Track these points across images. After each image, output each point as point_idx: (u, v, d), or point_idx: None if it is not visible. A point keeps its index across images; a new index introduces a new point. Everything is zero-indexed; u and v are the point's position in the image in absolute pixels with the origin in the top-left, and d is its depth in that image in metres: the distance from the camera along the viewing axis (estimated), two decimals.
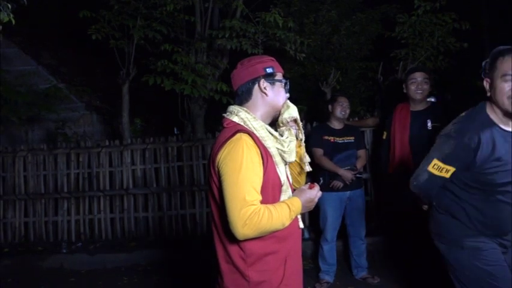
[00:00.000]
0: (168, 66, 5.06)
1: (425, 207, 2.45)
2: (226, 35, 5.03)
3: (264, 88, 1.80)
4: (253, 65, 1.82)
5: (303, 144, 1.93)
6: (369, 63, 6.51)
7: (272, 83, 1.82)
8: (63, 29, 8.40)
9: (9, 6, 2.71)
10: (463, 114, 2.18)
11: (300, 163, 1.96)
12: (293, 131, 1.88)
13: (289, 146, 1.80)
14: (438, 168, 2.14)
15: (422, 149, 3.36)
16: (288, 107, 1.85)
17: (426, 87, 3.51)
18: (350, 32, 6.42)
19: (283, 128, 1.84)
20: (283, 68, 1.92)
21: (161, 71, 5.10)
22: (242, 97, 1.83)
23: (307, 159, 1.94)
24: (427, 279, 3.56)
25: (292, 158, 1.83)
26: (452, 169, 2.12)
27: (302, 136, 1.90)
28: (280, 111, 1.84)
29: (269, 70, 1.81)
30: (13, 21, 2.74)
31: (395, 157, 3.59)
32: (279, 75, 1.85)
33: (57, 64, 8.05)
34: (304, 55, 5.29)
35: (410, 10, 5.19)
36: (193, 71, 5.19)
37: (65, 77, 7.68)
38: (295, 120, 1.86)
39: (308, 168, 1.94)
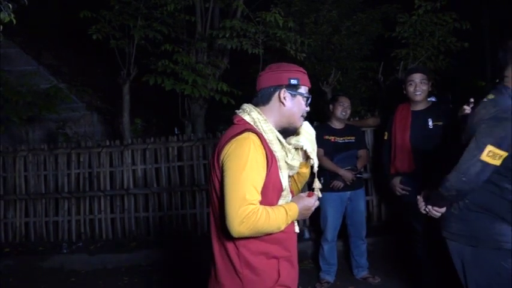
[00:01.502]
0: (169, 66, 5.06)
1: (438, 213, 2.29)
2: (227, 35, 5.04)
3: (284, 98, 1.79)
4: (280, 72, 1.81)
5: (315, 169, 1.92)
6: (369, 63, 6.51)
7: (293, 95, 1.81)
8: (63, 29, 8.42)
9: (10, 6, 2.71)
10: (491, 97, 2.07)
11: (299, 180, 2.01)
12: (300, 153, 1.88)
13: (292, 161, 1.80)
14: (493, 155, 1.95)
15: (423, 148, 3.37)
16: (299, 133, 1.85)
17: (425, 88, 3.49)
18: (350, 32, 6.42)
19: (292, 146, 1.83)
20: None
21: (162, 71, 5.11)
22: (260, 100, 1.83)
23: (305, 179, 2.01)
24: (429, 279, 3.56)
25: (292, 172, 1.86)
26: (505, 154, 1.96)
27: (314, 162, 1.90)
28: (293, 124, 1.84)
29: (293, 81, 1.80)
30: (14, 21, 2.74)
31: (396, 157, 3.57)
32: (303, 89, 1.83)
33: (58, 64, 8.06)
34: (304, 55, 5.29)
35: (410, 10, 5.19)
36: (193, 71, 5.19)
37: (65, 77, 7.68)
38: (304, 150, 1.85)
39: (300, 187, 2.01)
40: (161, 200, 5.32)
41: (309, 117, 1.97)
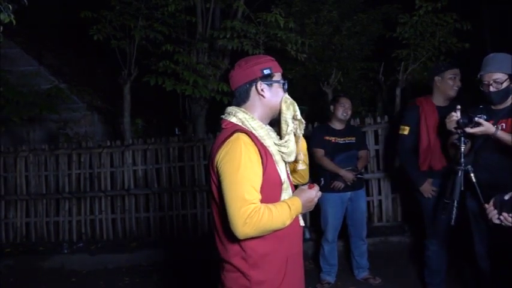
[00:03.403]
0: (170, 66, 5.07)
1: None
2: (228, 36, 5.04)
3: (262, 90, 1.78)
4: (251, 66, 1.79)
5: (300, 141, 1.87)
6: (370, 64, 6.51)
7: (270, 85, 1.80)
8: (64, 29, 8.42)
9: (10, 6, 2.71)
10: None
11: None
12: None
13: (288, 148, 1.79)
14: None
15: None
16: (286, 102, 1.81)
17: (459, 85, 3.37)
18: (351, 32, 6.42)
19: (289, 127, 1.80)
20: (284, 68, 1.90)
21: (162, 71, 5.11)
22: (240, 99, 1.82)
23: (301, 156, 1.89)
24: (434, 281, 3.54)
25: (291, 158, 1.83)
26: None
27: (299, 132, 1.85)
28: (279, 111, 1.82)
29: (266, 71, 1.78)
30: (14, 22, 2.74)
31: (432, 154, 3.33)
32: (277, 76, 1.82)
33: (59, 64, 8.06)
34: (305, 55, 5.29)
35: (411, 10, 5.19)
36: (194, 71, 5.19)
37: (66, 78, 7.68)
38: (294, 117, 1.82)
39: (300, 167, 1.90)
40: (162, 200, 5.33)
41: (310, 117, 1.96)
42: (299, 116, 1.81)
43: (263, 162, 1.68)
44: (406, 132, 3.48)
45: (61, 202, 5.44)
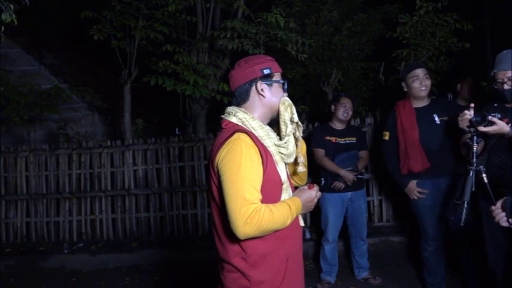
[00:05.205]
0: (170, 66, 5.07)
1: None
2: (228, 36, 5.04)
3: (261, 90, 1.79)
4: (250, 66, 1.79)
5: (299, 144, 1.88)
6: (370, 64, 6.50)
7: (269, 84, 1.80)
8: (65, 29, 8.44)
9: (12, 6, 2.71)
10: None
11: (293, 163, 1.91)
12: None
13: (288, 150, 1.79)
14: None
15: (434, 145, 3.24)
16: (284, 104, 1.81)
17: (429, 82, 3.37)
18: (351, 32, 6.41)
19: (288, 128, 1.79)
20: (284, 68, 1.90)
21: (163, 71, 5.11)
22: (239, 98, 1.82)
23: (301, 159, 1.91)
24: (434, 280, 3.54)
25: (291, 159, 1.83)
26: None
27: (298, 135, 1.86)
28: (278, 112, 1.82)
29: (266, 71, 1.79)
30: (15, 22, 2.74)
31: (409, 157, 3.35)
32: (276, 76, 1.83)
33: (60, 64, 8.07)
34: (305, 55, 5.28)
35: (412, 10, 5.19)
36: (194, 71, 5.19)
37: (67, 77, 7.69)
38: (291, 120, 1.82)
39: (301, 169, 1.92)
40: (162, 200, 5.33)
41: (310, 117, 1.96)
42: (296, 119, 1.81)
43: (263, 162, 1.69)
44: (387, 138, 3.57)
45: (61, 202, 5.44)
